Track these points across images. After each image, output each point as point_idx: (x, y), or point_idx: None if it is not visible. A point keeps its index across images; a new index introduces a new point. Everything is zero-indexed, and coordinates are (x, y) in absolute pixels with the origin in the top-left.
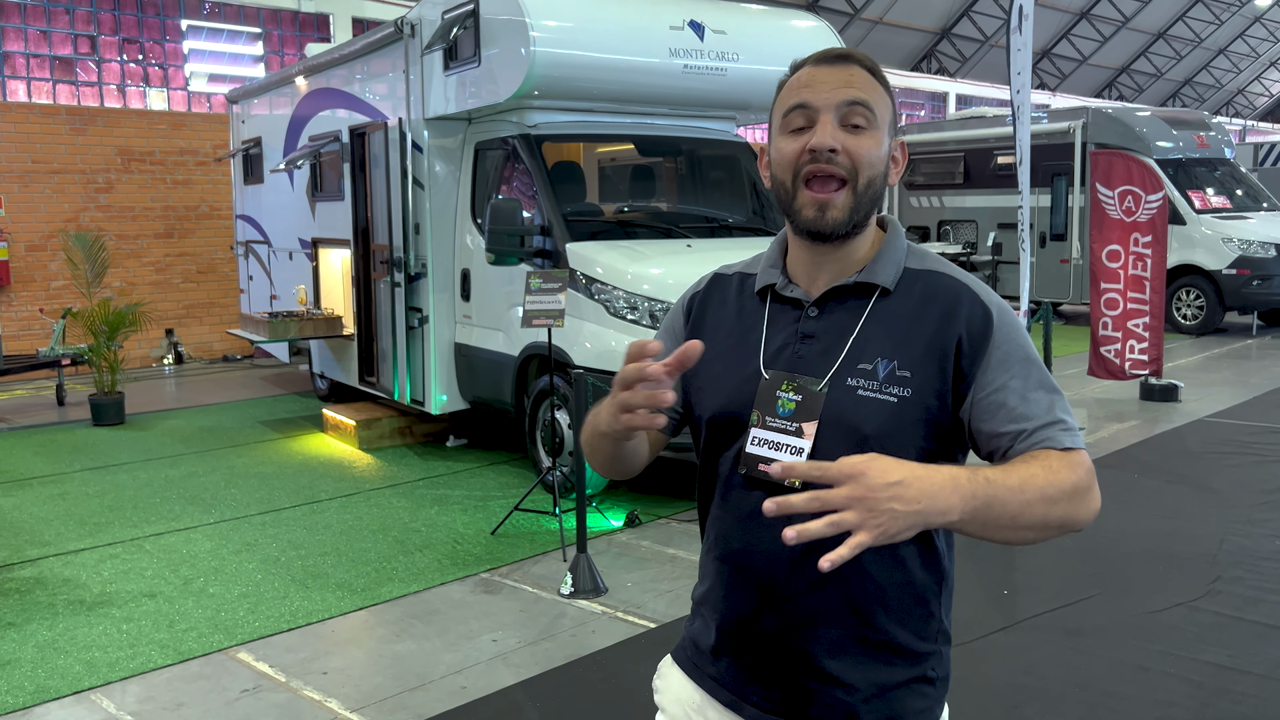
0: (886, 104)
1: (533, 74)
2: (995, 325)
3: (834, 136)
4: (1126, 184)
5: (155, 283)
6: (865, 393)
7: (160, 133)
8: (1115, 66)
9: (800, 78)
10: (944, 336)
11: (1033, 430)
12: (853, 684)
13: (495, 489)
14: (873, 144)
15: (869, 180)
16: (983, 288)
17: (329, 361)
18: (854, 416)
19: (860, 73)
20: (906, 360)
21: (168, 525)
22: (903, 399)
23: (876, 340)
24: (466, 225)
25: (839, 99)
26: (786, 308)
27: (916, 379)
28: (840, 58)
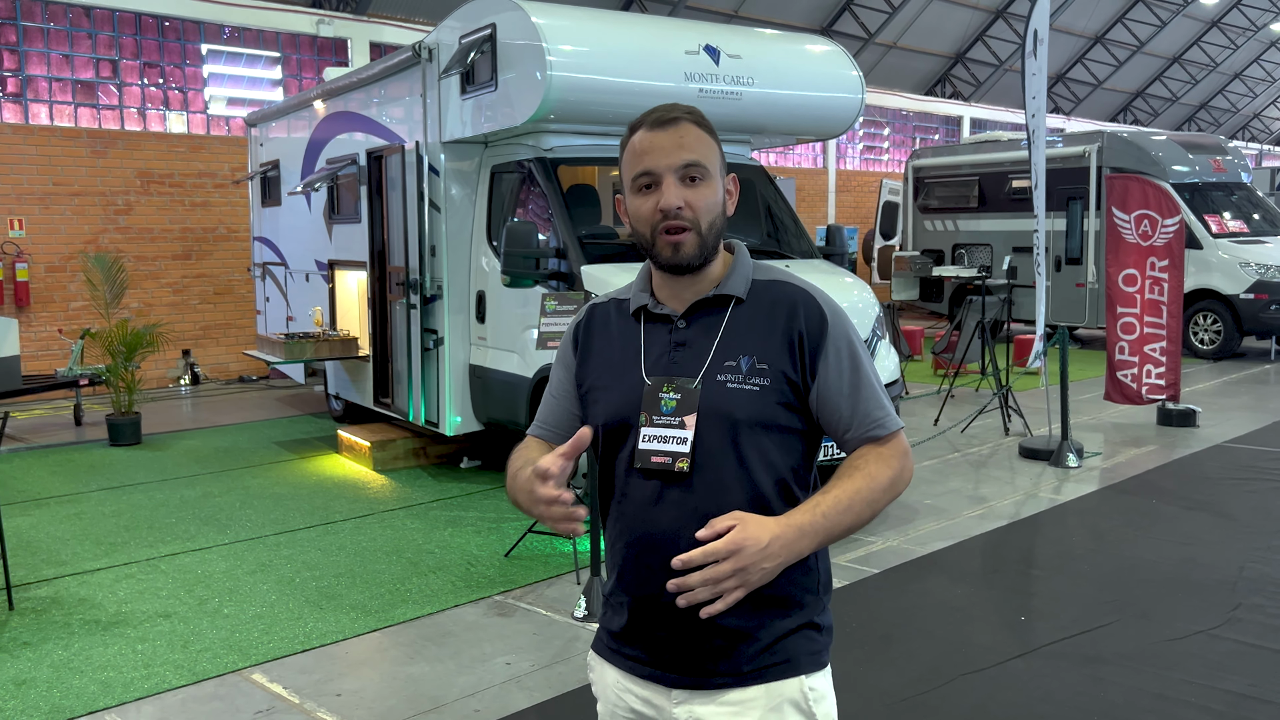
0: (714, 152)
1: (549, 98)
2: (829, 326)
3: (678, 195)
4: (1143, 208)
5: (173, 304)
6: (733, 385)
7: (179, 155)
8: (1130, 91)
9: (640, 143)
10: (789, 333)
11: (857, 427)
12: (755, 636)
13: (509, 511)
14: (709, 193)
15: (710, 223)
16: (819, 292)
17: (344, 383)
18: (726, 405)
19: (690, 130)
20: (763, 355)
21: (183, 545)
22: (764, 387)
23: (737, 341)
24: (482, 248)
25: (675, 162)
26: (659, 324)
27: (772, 370)
28: (670, 120)
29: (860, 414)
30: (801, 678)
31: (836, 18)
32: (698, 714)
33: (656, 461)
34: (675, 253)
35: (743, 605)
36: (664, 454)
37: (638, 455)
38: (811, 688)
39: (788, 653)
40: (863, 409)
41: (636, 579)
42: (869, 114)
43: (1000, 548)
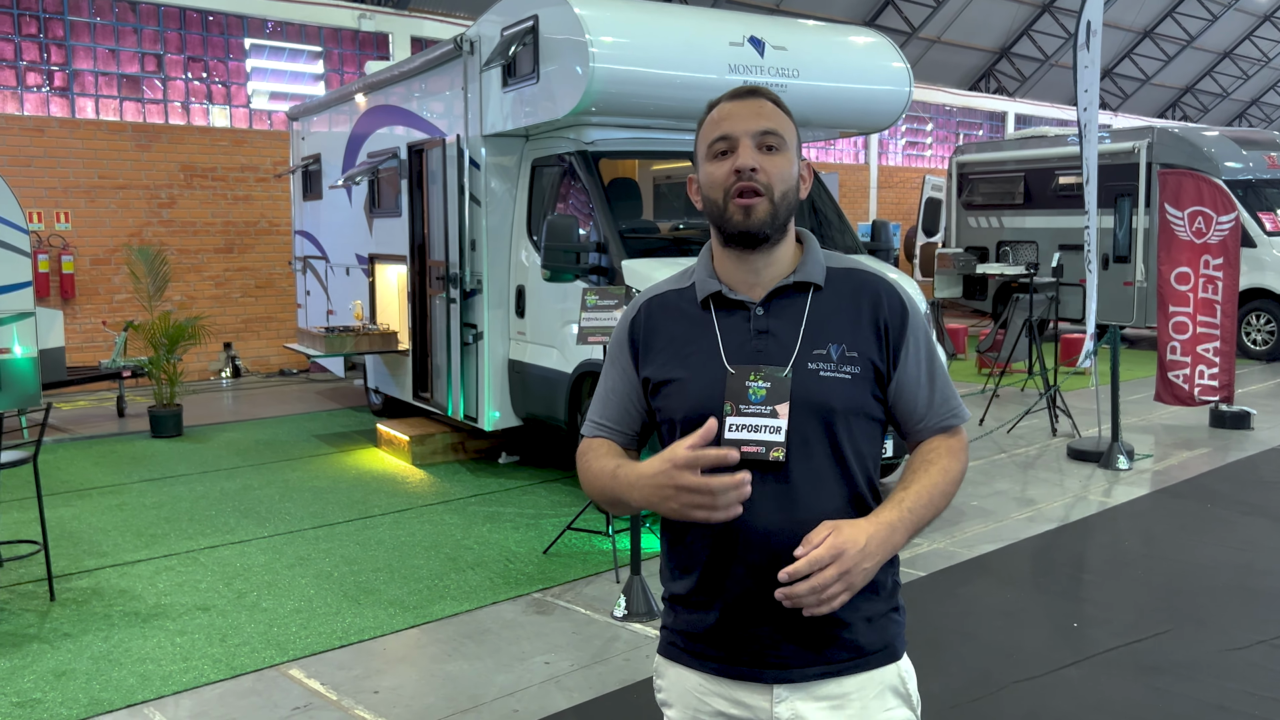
0: (792, 131)
1: (591, 90)
2: (910, 315)
3: (754, 158)
4: (1196, 205)
5: (214, 297)
6: (826, 373)
7: (222, 149)
8: (1179, 86)
9: (719, 112)
10: (875, 321)
11: (931, 418)
12: (851, 623)
13: (547, 507)
14: (785, 163)
15: (783, 193)
16: (898, 281)
17: (384, 377)
18: (820, 395)
19: (768, 105)
20: (853, 343)
21: (223, 538)
22: (855, 376)
23: (822, 329)
24: (522, 242)
25: (754, 128)
26: (733, 312)
27: (862, 359)
28: (750, 93)
29: (936, 404)
30: (898, 663)
31: (879, 11)
32: (800, 710)
33: (747, 452)
34: (747, 216)
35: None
36: (756, 444)
37: (724, 445)
38: (906, 670)
39: (884, 639)
40: (939, 399)
41: (728, 576)
42: (912, 109)
43: (1050, 551)
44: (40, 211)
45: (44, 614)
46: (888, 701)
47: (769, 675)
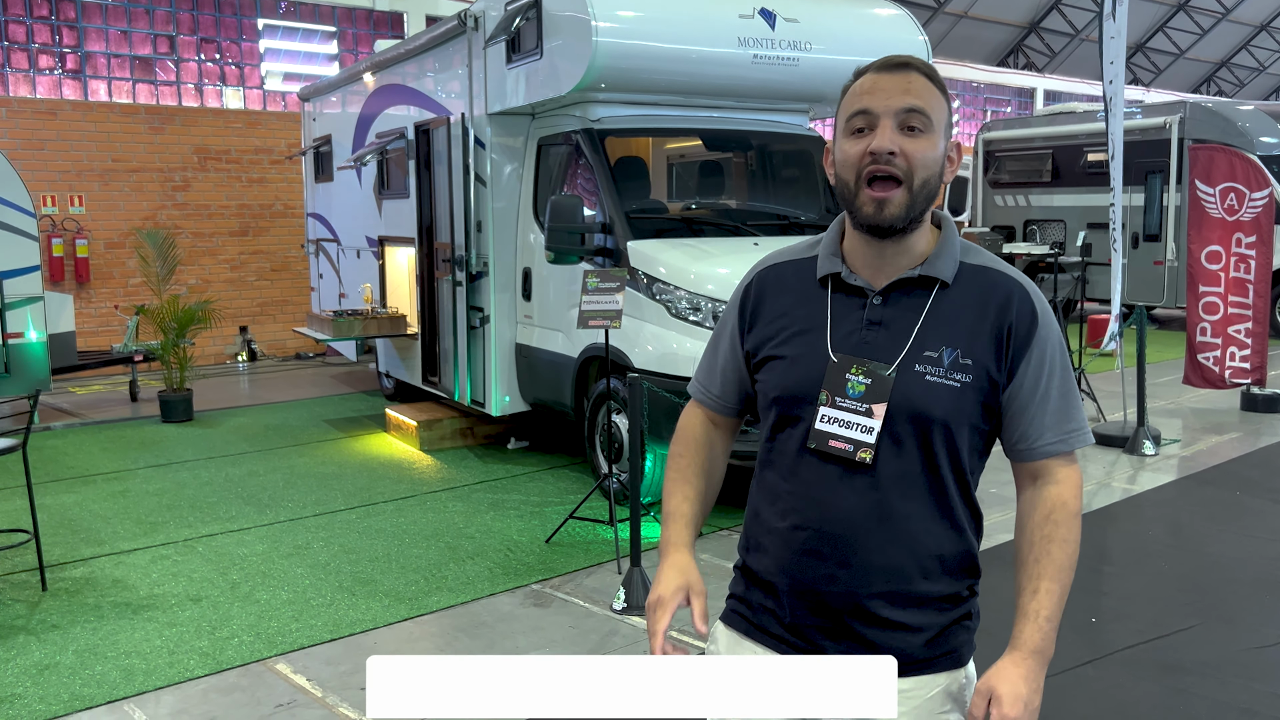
0: (943, 108)
1: (595, 65)
2: (1039, 327)
3: (892, 140)
4: (1229, 180)
5: (230, 280)
6: (933, 379)
7: (236, 131)
8: (1214, 60)
9: (863, 84)
10: (999, 329)
11: (1049, 435)
12: (918, 629)
13: (553, 494)
14: (928, 146)
15: (924, 180)
16: (1032, 287)
17: (394, 361)
18: (922, 400)
19: (919, 79)
20: (968, 349)
21: (222, 526)
22: (965, 384)
23: (940, 330)
24: (528, 223)
25: (897, 105)
26: (850, 296)
27: (976, 367)
28: (900, 65)
29: (1050, 424)
30: (962, 669)
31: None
32: None
33: (835, 446)
34: (879, 211)
35: (910, 599)
36: (844, 440)
37: (813, 435)
38: (969, 677)
39: (949, 645)
40: (1047, 422)
41: (799, 562)
42: None
43: None
44: (54, 195)
45: (34, 605)
46: (943, 705)
47: None
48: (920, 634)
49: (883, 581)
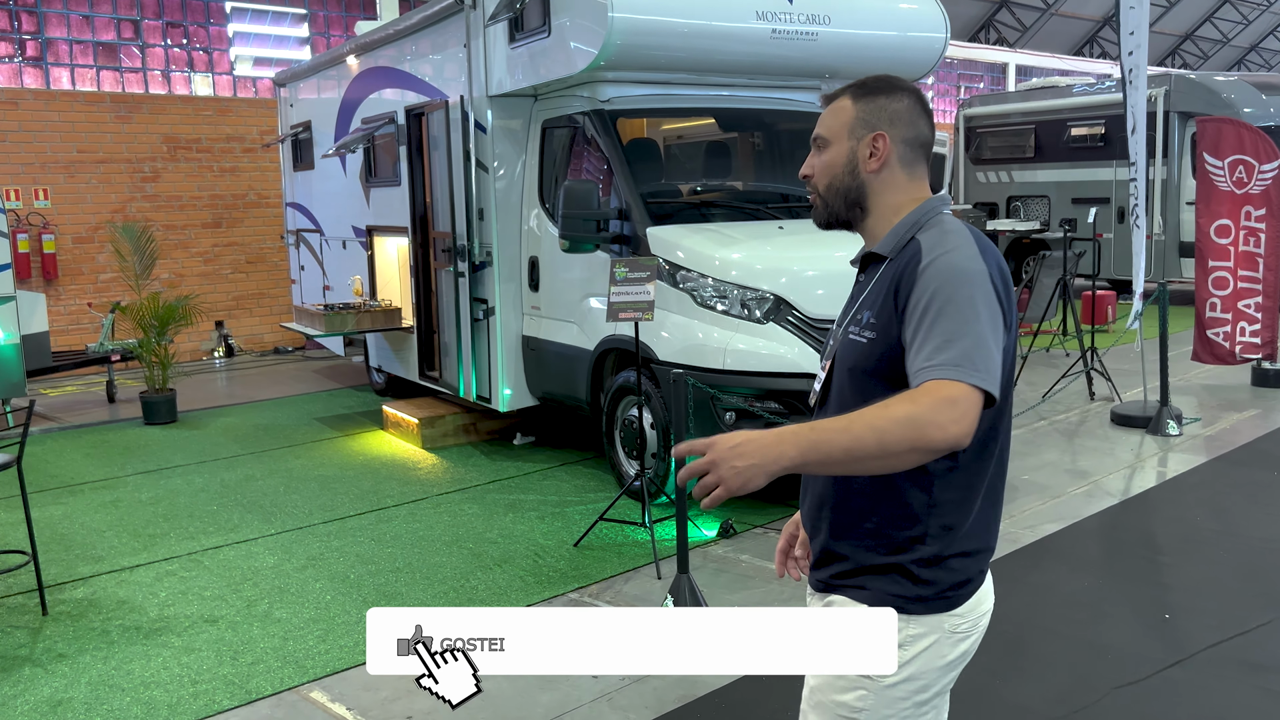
0: (843, 116)
1: (610, 42)
2: (920, 272)
3: (809, 164)
4: (1238, 153)
5: (204, 274)
6: (853, 336)
7: (206, 119)
8: (1178, 33)
9: None
10: (895, 284)
11: (916, 372)
12: (844, 558)
13: (571, 493)
14: (828, 157)
15: (827, 184)
16: (939, 246)
17: (387, 355)
18: (843, 354)
19: (836, 104)
20: (878, 311)
21: (226, 537)
22: (870, 340)
23: (870, 297)
24: (534, 210)
25: (812, 136)
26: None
27: (879, 325)
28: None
29: (919, 350)
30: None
31: None
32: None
33: (810, 398)
34: (813, 213)
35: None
36: (814, 391)
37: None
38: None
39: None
40: (923, 352)
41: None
42: None
43: (1117, 530)
44: (17, 189)
45: (36, 631)
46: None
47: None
48: (842, 563)
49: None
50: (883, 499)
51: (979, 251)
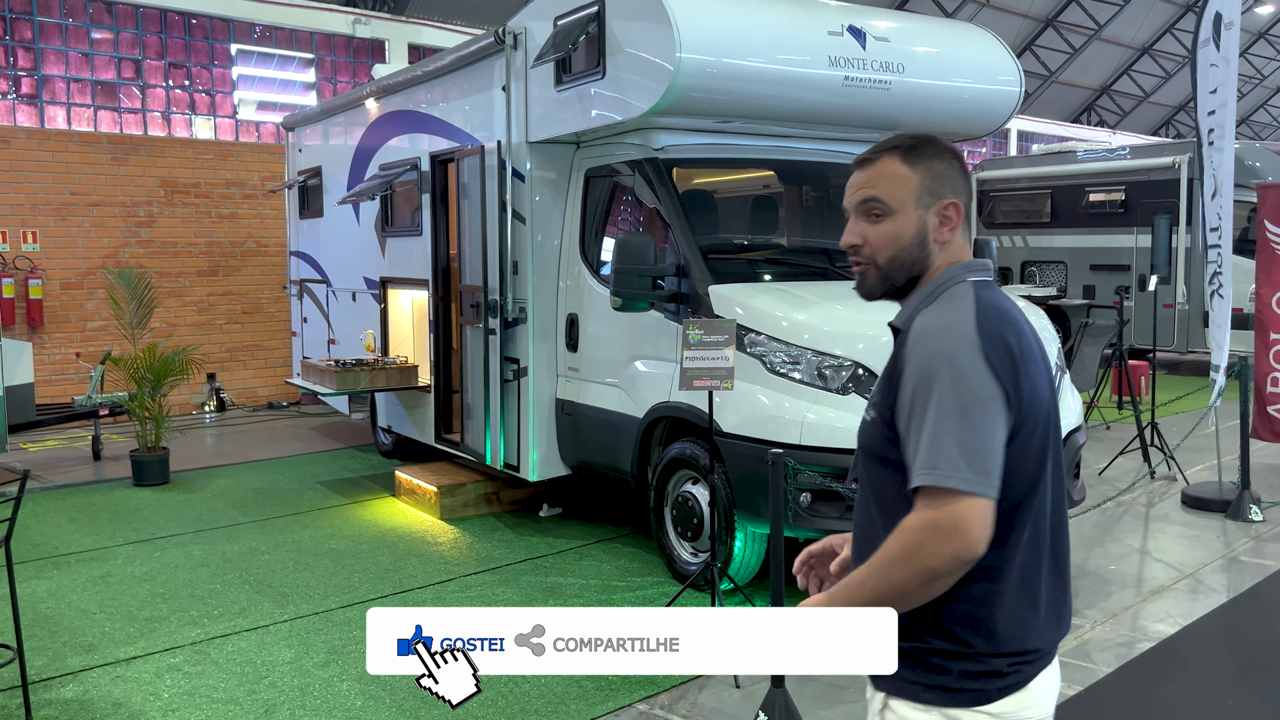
0: (907, 182)
1: (676, 85)
2: (908, 364)
3: (853, 233)
4: None
5: (197, 323)
6: (866, 415)
7: (206, 163)
8: (1173, 104)
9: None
10: (893, 368)
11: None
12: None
13: (614, 576)
14: (888, 228)
15: (890, 256)
16: (930, 326)
17: (398, 415)
18: (861, 433)
19: (883, 166)
20: (880, 389)
21: (233, 623)
22: (874, 420)
23: (884, 373)
24: (574, 264)
25: (856, 200)
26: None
27: (881, 404)
28: (867, 160)
29: (909, 456)
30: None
31: None
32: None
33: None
34: (859, 285)
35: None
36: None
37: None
38: (890, 708)
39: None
40: (909, 450)
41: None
42: None
43: (1240, 634)
44: (5, 231)
45: None
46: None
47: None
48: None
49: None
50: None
51: (975, 326)
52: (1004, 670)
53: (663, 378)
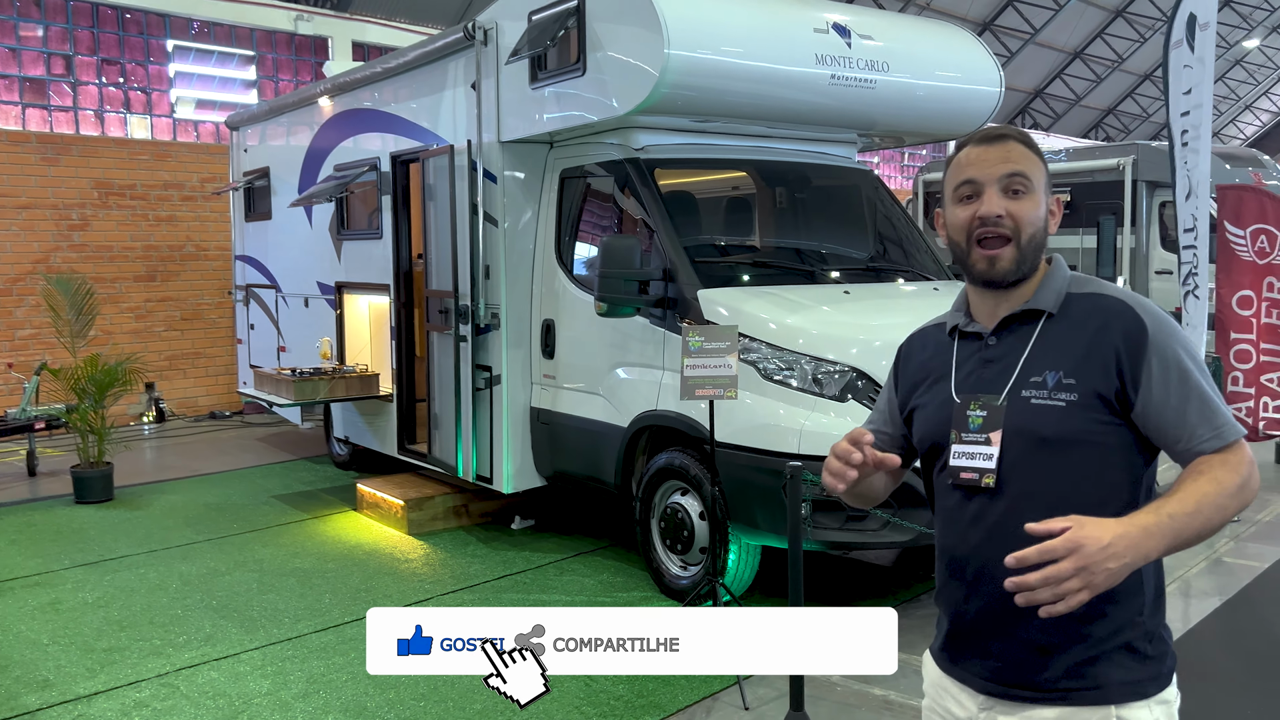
0: (1040, 170)
1: (664, 82)
2: (1151, 336)
3: (999, 204)
4: (1260, 222)
5: (135, 330)
6: (1038, 401)
7: (142, 164)
8: (1103, 108)
9: (966, 156)
10: (1103, 346)
11: (1187, 440)
12: (1061, 652)
13: (599, 591)
14: (1031, 205)
15: (1030, 236)
16: (1140, 302)
17: (356, 425)
18: (1032, 422)
19: (1016, 147)
20: (1072, 371)
21: (201, 651)
22: (1070, 403)
23: (1045, 356)
24: (550, 268)
25: (1000, 173)
26: (970, 341)
27: (1082, 386)
28: (998, 137)
29: (1189, 427)
30: (1110, 707)
31: None
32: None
33: (965, 477)
34: (990, 266)
35: (1051, 620)
36: (971, 470)
37: (949, 471)
38: (1121, 718)
39: (1097, 678)
40: (1191, 422)
41: (947, 591)
42: None
43: (1244, 637)
44: None
45: None
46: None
47: (976, 684)
48: (1057, 657)
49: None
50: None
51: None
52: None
53: (648, 385)
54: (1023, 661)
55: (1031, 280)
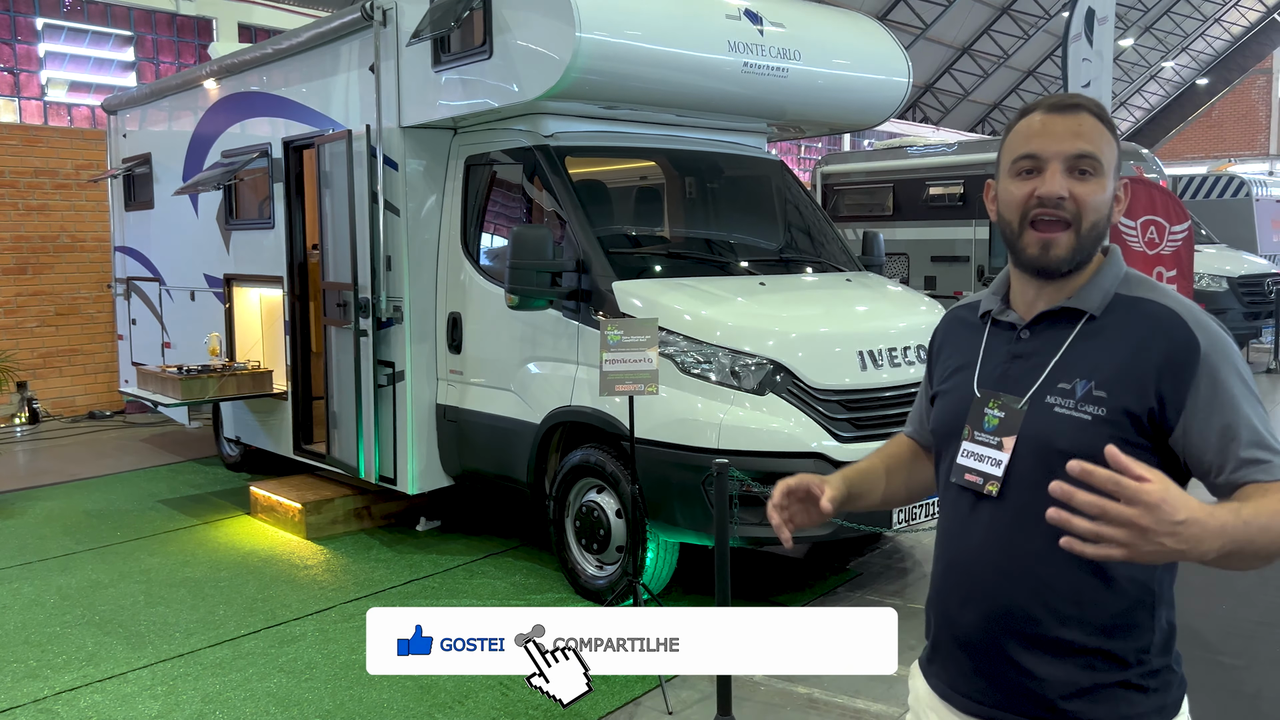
0: (1113, 150)
1: (575, 66)
2: (1203, 354)
3: (1062, 185)
4: (1149, 214)
5: (4, 327)
6: (1061, 410)
7: (10, 149)
8: (989, 102)
9: (1030, 125)
10: (1144, 361)
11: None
12: (1047, 679)
13: (512, 593)
14: (1097, 189)
15: (1093, 224)
16: (1193, 314)
17: (248, 425)
18: (1049, 432)
19: (1089, 120)
20: (1105, 382)
21: (82, 673)
22: (1097, 418)
23: (1079, 362)
24: (456, 259)
25: (1068, 150)
26: (1003, 330)
27: (1113, 400)
28: (1072, 106)
29: (1233, 459)
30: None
31: None
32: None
33: (969, 479)
34: (1044, 252)
35: (1047, 643)
36: (976, 473)
37: (954, 469)
38: None
39: (1093, 711)
40: (1236, 455)
41: (940, 596)
42: None
43: None
44: None
45: None
46: None
47: (959, 701)
48: (1056, 686)
49: (1009, 621)
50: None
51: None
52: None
53: (562, 380)
54: (1012, 684)
55: (1081, 273)
